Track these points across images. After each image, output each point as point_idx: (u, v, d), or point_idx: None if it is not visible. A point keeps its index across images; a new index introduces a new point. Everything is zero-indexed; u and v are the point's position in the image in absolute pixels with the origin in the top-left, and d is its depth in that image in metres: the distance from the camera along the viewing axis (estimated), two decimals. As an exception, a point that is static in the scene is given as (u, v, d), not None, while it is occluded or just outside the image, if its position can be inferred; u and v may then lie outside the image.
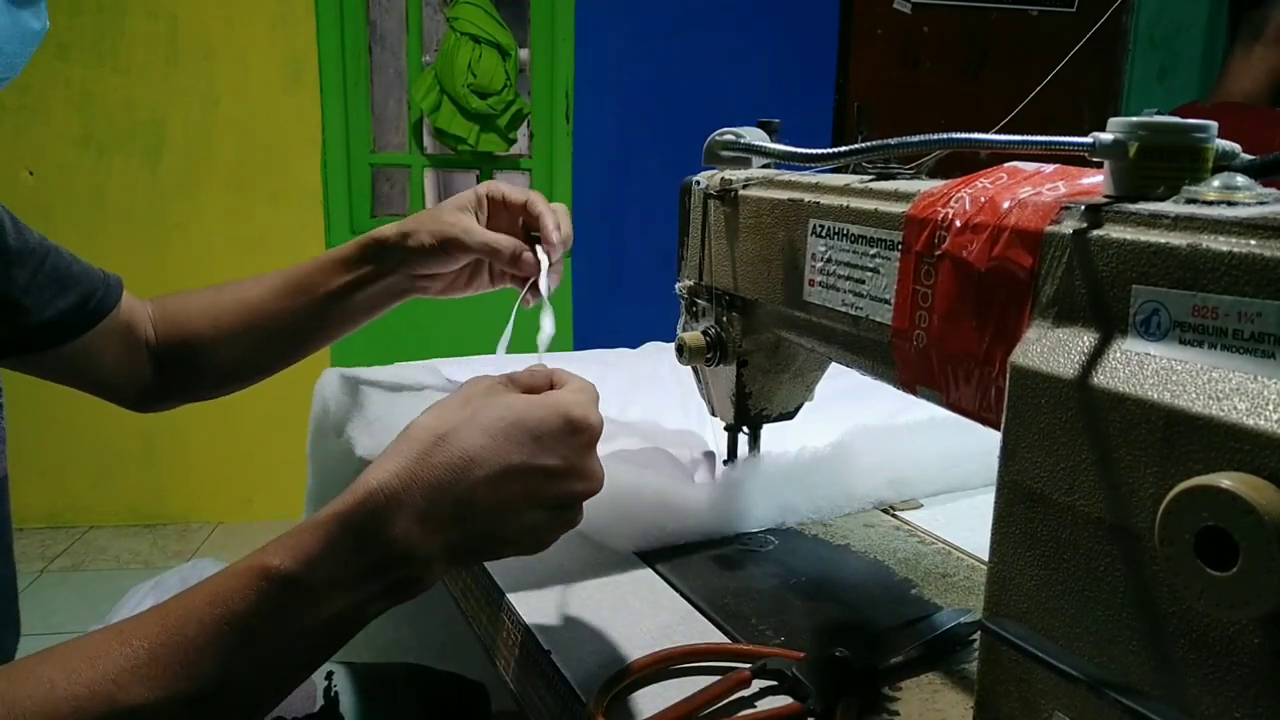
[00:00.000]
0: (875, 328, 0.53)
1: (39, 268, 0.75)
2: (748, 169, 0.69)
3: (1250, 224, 0.34)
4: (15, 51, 0.58)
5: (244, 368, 0.89)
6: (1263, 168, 0.41)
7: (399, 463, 0.45)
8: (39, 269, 0.75)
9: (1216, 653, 0.33)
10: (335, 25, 2.68)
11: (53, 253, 0.77)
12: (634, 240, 2.90)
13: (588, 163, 2.86)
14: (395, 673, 0.92)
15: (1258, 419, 0.31)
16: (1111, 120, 0.40)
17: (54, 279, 0.76)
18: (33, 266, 0.75)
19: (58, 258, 0.77)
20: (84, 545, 2.68)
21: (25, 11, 0.57)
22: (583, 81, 2.82)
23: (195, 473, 2.83)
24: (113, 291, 0.81)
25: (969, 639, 0.56)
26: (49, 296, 0.76)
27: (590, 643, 0.57)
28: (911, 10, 2.96)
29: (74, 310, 0.78)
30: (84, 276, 0.79)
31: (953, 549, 0.70)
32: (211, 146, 2.65)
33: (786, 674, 0.52)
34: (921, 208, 0.49)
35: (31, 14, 0.58)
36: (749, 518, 0.72)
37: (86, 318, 0.79)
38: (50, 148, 2.52)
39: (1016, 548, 0.41)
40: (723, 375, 0.72)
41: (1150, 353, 0.36)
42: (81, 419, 2.66)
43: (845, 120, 2.97)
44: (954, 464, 0.81)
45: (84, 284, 0.79)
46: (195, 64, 2.61)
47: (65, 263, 0.78)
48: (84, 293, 0.78)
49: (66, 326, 0.77)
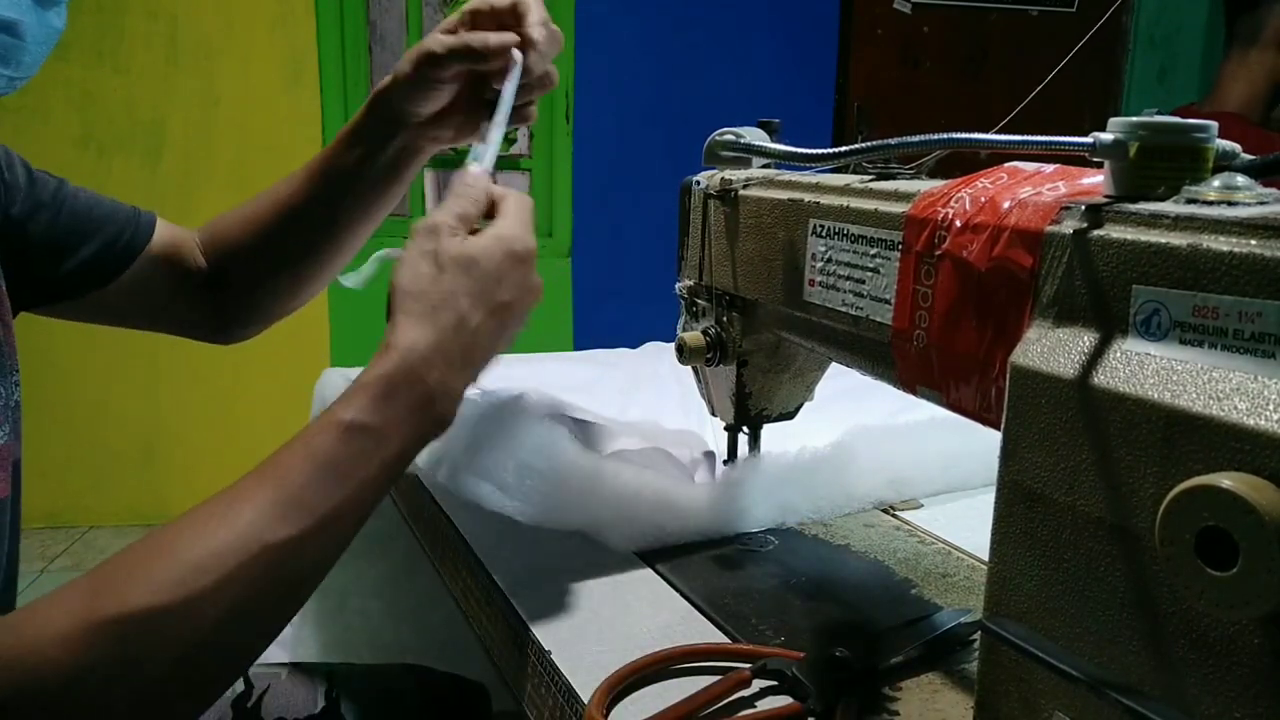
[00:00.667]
0: (875, 328, 0.53)
1: (55, 219, 0.74)
2: (748, 169, 0.69)
3: (1250, 224, 0.34)
4: (40, 52, 0.58)
5: (293, 273, 0.88)
6: (1263, 168, 0.41)
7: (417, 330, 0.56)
8: (55, 219, 0.74)
9: (1216, 653, 0.33)
10: (335, 25, 2.68)
11: (69, 199, 0.76)
12: (634, 240, 2.89)
13: (588, 163, 2.86)
14: (396, 673, 0.92)
15: (1258, 419, 0.31)
16: (1111, 120, 0.40)
17: (73, 228, 0.76)
18: (48, 218, 0.74)
19: (75, 203, 0.76)
20: (84, 545, 2.68)
21: (50, 11, 0.58)
22: (583, 81, 2.82)
23: (195, 473, 2.82)
24: (143, 229, 0.81)
25: (969, 639, 0.56)
26: (73, 244, 0.75)
27: (590, 643, 0.57)
28: (911, 10, 2.96)
29: (99, 255, 0.77)
30: (109, 219, 0.78)
31: (953, 549, 0.70)
32: (211, 146, 2.65)
33: (786, 674, 0.52)
34: (921, 208, 0.49)
35: (54, 13, 0.58)
36: (749, 518, 0.72)
37: (116, 259, 0.78)
38: (50, 148, 2.52)
39: (1016, 548, 0.41)
40: (723, 375, 0.72)
41: (1150, 353, 0.36)
42: (82, 419, 2.66)
43: (845, 120, 2.97)
44: (954, 464, 0.81)
45: (109, 227, 0.78)
46: (195, 64, 2.61)
47: (85, 208, 0.77)
48: (109, 236, 0.78)
49: (95, 272, 0.77)
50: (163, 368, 2.73)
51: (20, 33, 0.55)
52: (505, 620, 0.62)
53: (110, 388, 2.70)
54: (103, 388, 2.69)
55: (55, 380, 2.63)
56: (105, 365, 2.67)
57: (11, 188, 0.72)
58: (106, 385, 2.69)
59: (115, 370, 2.70)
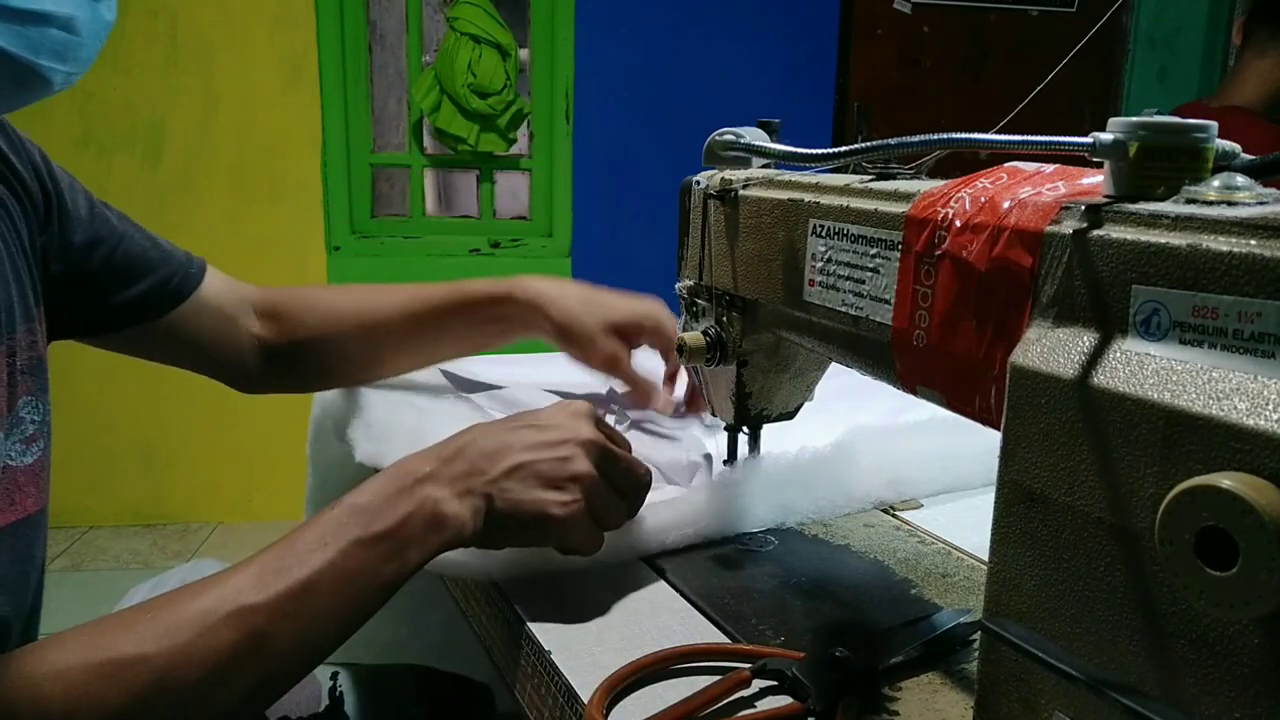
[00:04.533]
0: (875, 328, 0.53)
1: (110, 256, 0.77)
2: (748, 169, 0.69)
3: (1250, 224, 0.34)
4: (94, 46, 0.59)
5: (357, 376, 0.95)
6: (1263, 168, 0.41)
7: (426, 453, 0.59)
8: (111, 256, 0.77)
9: (1216, 653, 0.33)
10: (335, 25, 2.68)
11: (125, 239, 0.79)
12: (634, 240, 2.90)
13: (588, 163, 2.86)
14: (400, 673, 0.92)
15: (1258, 419, 0.31)
16: (1111, 120, 0.40)
17: (126, 264, 0.78)
18: (104, 254, 0.77)
19: (130, 244, 0.79)
20: (84, 545, 2.68)
21: (101, 4, 0.58)
22: (583, 81, 2.82)
23: (195, 473, 2.83)
24: (193, 276, 0.84)
25: (969, 639, 0.56)
26: (123, 282, 0.78)
27: (590, 643, 0.57)
28: (911, 10, 2.96)
29: (145, 295, 0.80)
30: (161, 262, 0.81)
31: (953, 549, 0.70)
32: (211, 146, 2.65)
33: (786, 674, 0.52)
34: (921, 208, 0.49)
35: (105, 6, 0.59)
36: (749, 518, 0.72)
37: (163, 301, 0.81)
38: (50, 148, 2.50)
39: (1016, 548, 0.41)
40: (723, 375, 0.72)
41: (1150, 353, 0.36)
42: (81, 419, 2.66)
43: (845, 120, 2.97)
44: (954, 464, 0.81)
45: (161, 270, 0.81)
46: (195, 64, 2.61)
47: (140, 249, 0.79)
48: (160, 279, 0.81)
49: (140, 310, 0.80)
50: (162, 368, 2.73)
51: (77, 28, 0.56)
52: (505, 620, 0.62)
53: (110, 388, 2.70)
54: (103, 388, 2.69)
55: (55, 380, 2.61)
56: (105, 365, 2.66)
57: (73, 218, 0.74)
58: (106, 386, 2.69)
59: (115, 370, 2.70)
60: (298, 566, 0.52)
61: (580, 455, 0.60)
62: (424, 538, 0.56)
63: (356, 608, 0.54)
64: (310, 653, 0.54)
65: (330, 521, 0.55)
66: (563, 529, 0.59)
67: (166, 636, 0.49)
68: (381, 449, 0.82)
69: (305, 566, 0.52)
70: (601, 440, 0.61)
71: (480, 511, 0.57)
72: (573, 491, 0.59)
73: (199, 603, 0.51)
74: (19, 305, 0.64)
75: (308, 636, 0.53)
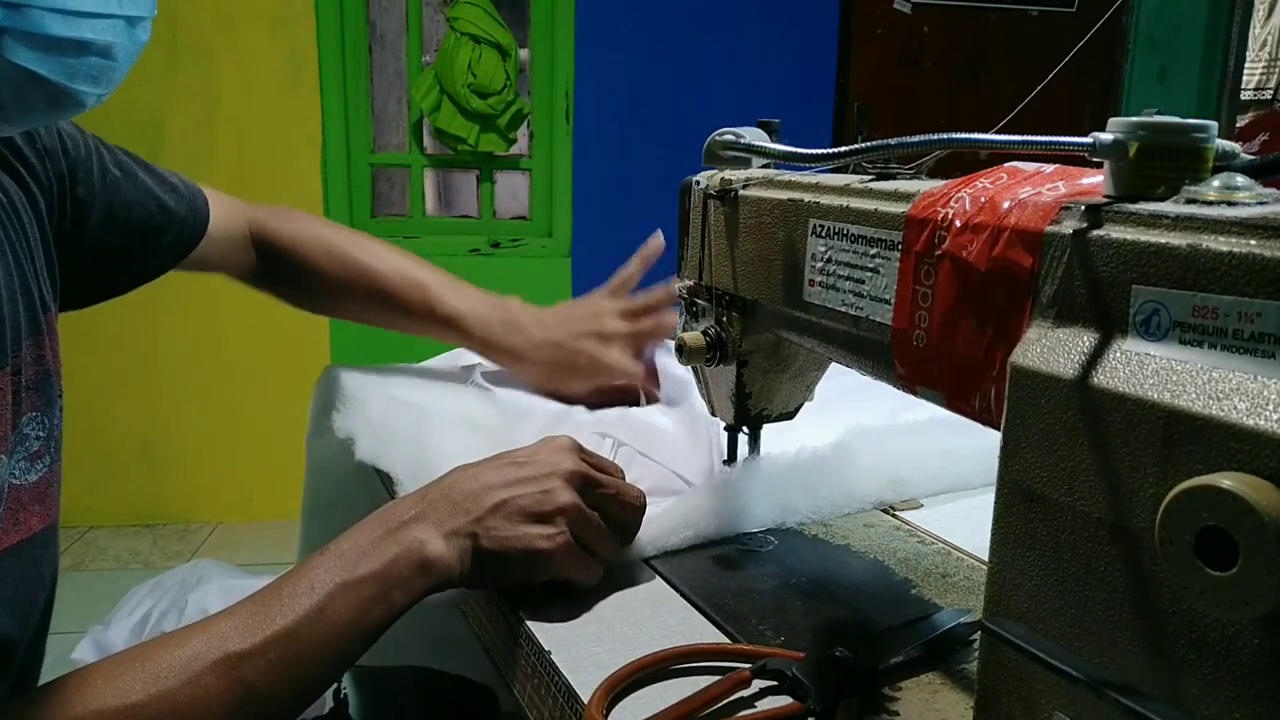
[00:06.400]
0: (875, 328, 0.53)
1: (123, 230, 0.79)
2: (748, 169, 0.69)
3: (1250, 224, 0.34)
4: (127, 68, 0.59)
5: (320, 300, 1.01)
6: (1263, 168, 0.41)
7: (411, 497, 0.60)
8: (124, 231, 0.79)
9: (1216, 653, 0.33)
10: (335, 25, 2.68)
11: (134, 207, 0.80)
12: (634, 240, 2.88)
13: (588, 163, 2.86)
14: (404, 675, 0.92)
15: (1258, 419, 0.31)
16: (1111, 120, 0.40)
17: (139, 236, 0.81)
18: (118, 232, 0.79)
19: (140, 211, 0.80)
20: (84, 545, 2.68)
21: (138, 28, 0.59)
22: (583, 81, 2.81)
23: (195, 473, 2.82)
24: (199, 225, 0.87)
25: (969, 639, 0.56)
26: (134, 253, 0.81)
27: (590, 643, 0.57)
28: (911, 10, 2.96)
29: (157, 259, 0.84)
30: (168, 223, 0.84)
31: (953, 549, 0.70)
32: (211, 146, 2.65)
33: (786, 674, 0.52)
34: (921, 208, 0.49)
35: (141, 29, 0.59)
36: (749, 518, 0.72)
37: (172, 258, 0.85)
38: (50, 148, 2.52)
39: (1016, 548, 0.41)
40: (723, 375, 0.72)
41: (1150, 353, 0.36)
42: (81, 419, 2.66)
43: (845, 120, 2.97)
44: (954, 464, 0.80)
45: (169, 232, 0.84)
46: (195, 64, 2.61)
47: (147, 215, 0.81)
48: (170, 241, 0.84)
49: (153, 272, 0.85)
50: (162, 368, 2.73)
51: (114, 54, 0.56)
52: (505, 620, 0.62)
53: (110, 388, 2.70)
54: (103, 388, 2.69)
55: (55, 380, 2.62)
56: (105, 365, 2.67)
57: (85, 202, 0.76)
58: (106, 385, 2.69)
59: (115, 370, 2.70)
60: (284, 612, 0.53)
61: (562, 487, 0.60)
62: (410, 580, 0.56)
63: (343, 651, 0.55)
64: (297, 698, 0.54)
65: (317, 567, 0.55)
66: (551, 562, 0.59)
67: (154, 684, 0.50)
68: (381, 446, 0.82)
69: (292, 612, 0.53)
70: (585, 470, 0.62)
71: (467, 552, 0.58)
72: (558, 524, 0.59)
73: (185, 650, 0.51)
74: (25, 319, 0.63)
75: (295, 682, 0.53)
